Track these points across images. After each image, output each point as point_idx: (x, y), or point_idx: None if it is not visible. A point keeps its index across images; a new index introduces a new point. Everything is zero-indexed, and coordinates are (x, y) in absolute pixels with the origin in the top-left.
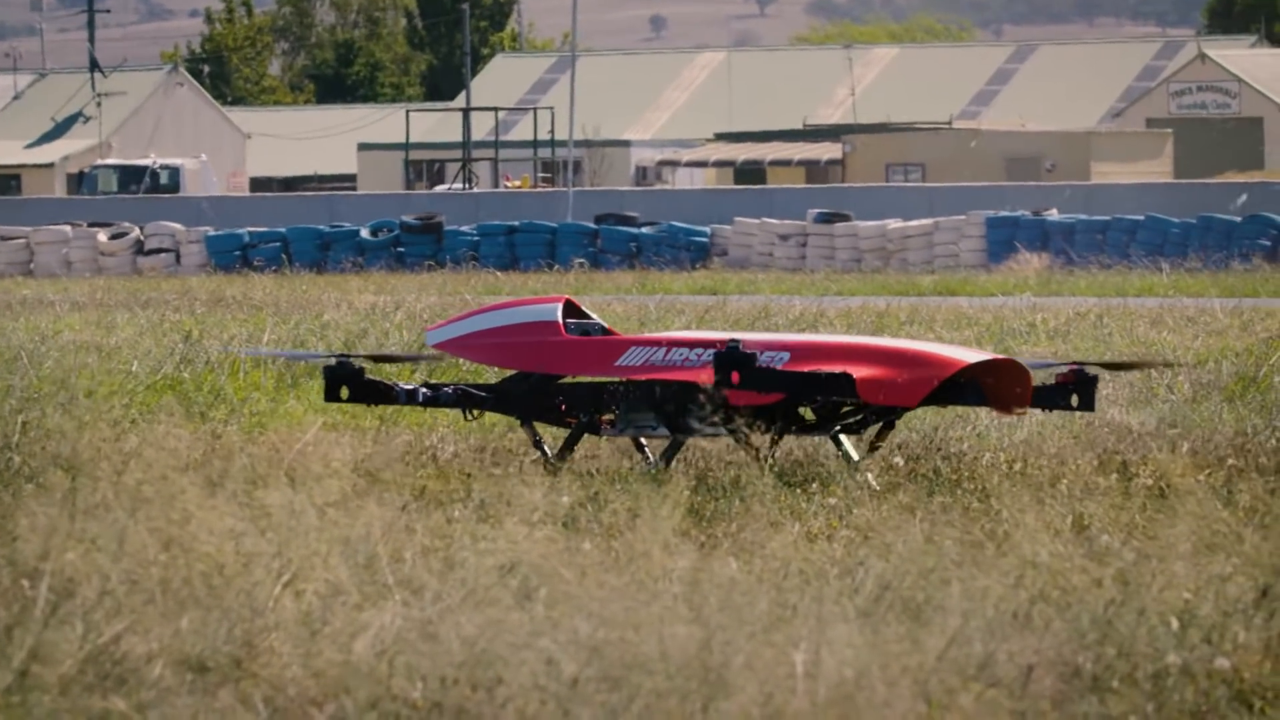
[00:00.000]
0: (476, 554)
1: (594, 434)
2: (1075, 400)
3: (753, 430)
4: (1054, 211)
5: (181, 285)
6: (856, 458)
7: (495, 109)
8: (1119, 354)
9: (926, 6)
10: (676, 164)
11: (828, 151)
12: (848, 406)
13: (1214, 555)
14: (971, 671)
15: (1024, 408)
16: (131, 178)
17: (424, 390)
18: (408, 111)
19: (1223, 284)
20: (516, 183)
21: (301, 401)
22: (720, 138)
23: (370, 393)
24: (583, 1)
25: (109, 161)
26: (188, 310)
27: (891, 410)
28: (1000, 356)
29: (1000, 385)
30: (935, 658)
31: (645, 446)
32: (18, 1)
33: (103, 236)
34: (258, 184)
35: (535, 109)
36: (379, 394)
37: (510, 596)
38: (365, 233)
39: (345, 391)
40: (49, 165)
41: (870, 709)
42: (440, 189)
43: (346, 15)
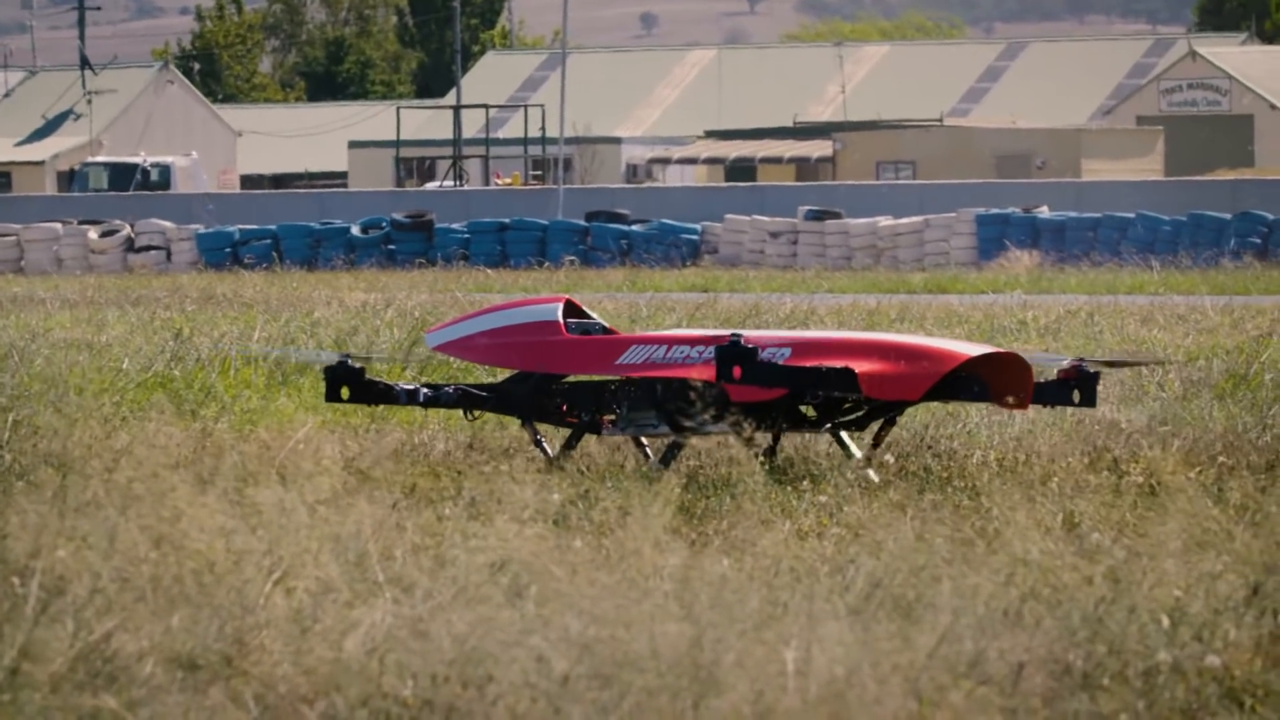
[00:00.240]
0: (467, 551)
1: (595, 433)
2: (1076, 396)
3: (754, 428)
4: (1044, 209)
5: (172, 283)
6: (858, 455)
7: (486, 106)
8: (1110, 351)
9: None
10: (667, 161)
11: (818, 149)
12: (849, 403)
13: (1205, 553)
14: (962, 669)
15: (1025, 403)
16: (122, 175)
17: (424, 390)
18: (398, 109)
19: (1213, 282)
20: (507, 180)
21: (292, 399)
22: (711, 135)
23: (371, 393)
24: None
25: (99, 159)
26: (178, 308)
27: (893, 406)
28: (1002, 350)
29: (1002, 380)
30: (926, 655)
31: (646, 446)
32: None
33: (93, 234)
34: (248, 181)
35: (526, 106)
36: (380, 394)
37: (501, 594)
38: (356, 230)
39: (346, 392)
40: (39, 163)
41: (861, 706)
42: (431, 186)
43: (337, 12)
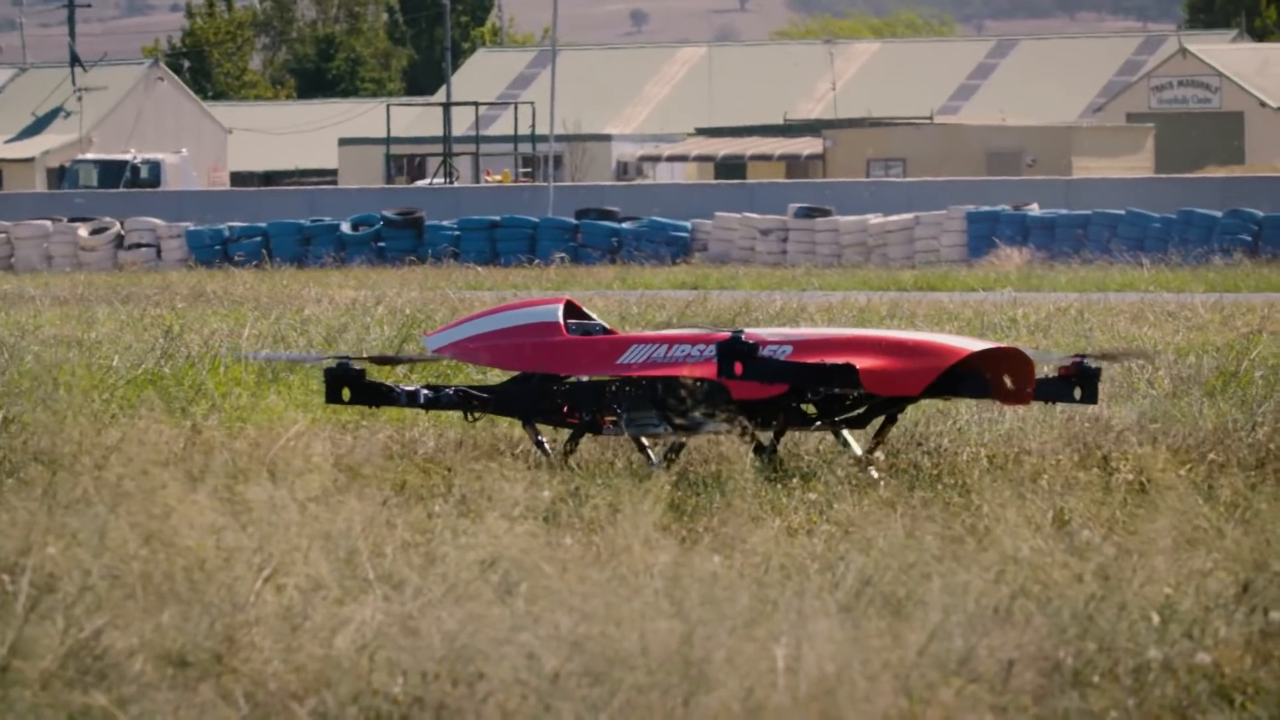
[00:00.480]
0: (457, 549)
1: (596, 434)
2: (1078, 392)
3: (756, 426)
4: (1035, 206)
5: (162, 280)
6: (860, 452)
7: (476, 104)
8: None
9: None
10: (657, 159)
11: (808, 146)
12: (850, 400)
13: (1195, 550)
14: (952, 666)
15: (1027, 399)
16: (112, 172)
17: (425, 392)
18: (388, 106)
19: (1203, 279)
20: (497, 177)
21: (282, 397)
22: (701, 133)
23: (372, 395)
24: None
25: (89, 156)
26: (168, 305)
27: (894, 402)
28: (1003, 345)
29: (1004, 376)
30: (916, 653)
31: (647, 447)
32: None
33: (83, 231)
34: (238, 179)
35: (516, 104)
36: (380, 396)
37: (491, 591)
38: (346, 227)
39: (347, 393)
40: (29, 160)
41: (851, 704)
42: (421, 184)
43: (327, 10)
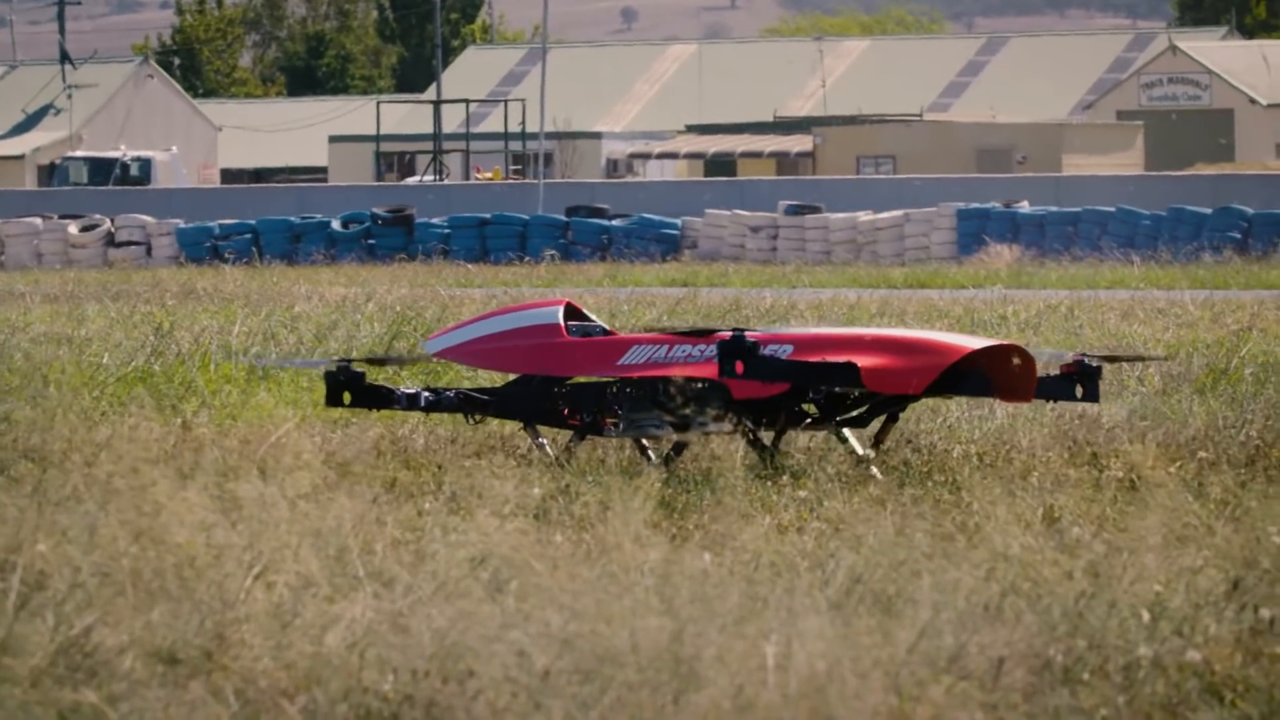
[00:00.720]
0: (447, 546)
1: (598, 435)
2: (1079, 391)
3: (757, 426)
4: (1025, 204)
5: (152, 277)
6: (861, 451)
7: (466, 101)
8: (1090, 347)
9: None
10: (647, 156)
11: (798, 144)
12: (851, 399)
13: (1185, 548)
14: (942, 664)
15: (1029, 396)
16: (102, 170)
17: (426, 395)
18: (379, 103)
19: (1193, 276)
20: (488, 175)
21: (272, 394)
22: (691, 130)
23: (372, 398)
24: None
25: (79, 153)
26: (159, 302)
27: (895, 401)
28: (1006, 342)
29: (1005, 374)
30: (906, 650)
31: (649, 448)
32: None
33: (73, 229)
34: (229, 176)
35: (506, 101)
36: (381, 399)
37: (481, 589)
38: (336, 225)
39: (348, 397)
40: (19, 157)
41: (841, 701)
42: (411, 181)
43: (317, 7)
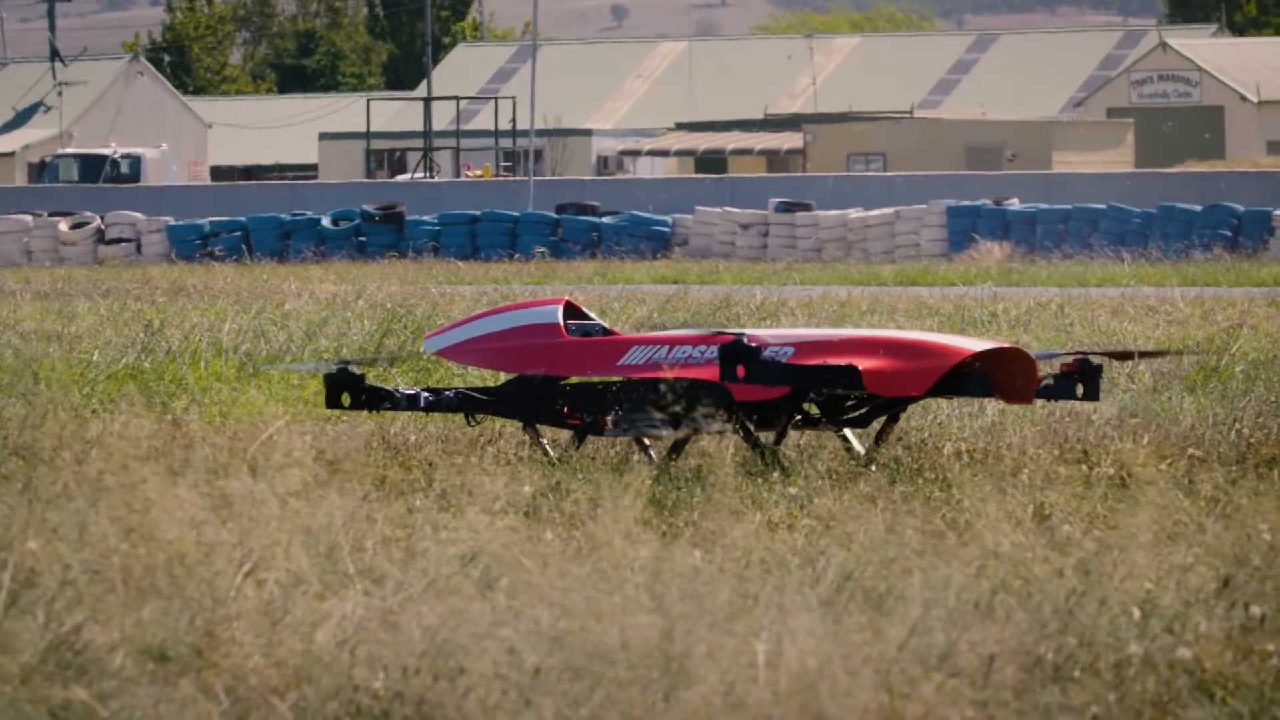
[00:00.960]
0: (438, 543)
1: (598, 435)
2: (1080, 390)
3: (758, 426)
4: (1015, 201)
5: (142, 274)
6: (862, 451)
7: (456, 98)
8: (1081, 344)
9: None
10: (638, 154)
11: (789, 141)
12: (852, 400)
13: (1175, 545)
14: (933, 661)
15: (1030, 398)
16: (92, 167)
17: (425, 395)
18: (369, 101)
19: (1184, 273)
20: (478, 172)
21: (263, 392)
22: (681, 127)
23: (372, 399)
24: None
25: (70, 151)
26: (149, 299)
27: (897, 402)
28: (1006, 345)
29: (1006, 374)
30: (897, 647)
31: (649, 447)
32: None
33: (64, 226)
34: (219, 173)
35: (496, 98)
36: (381, 400)
37: (472, 586)
38: (326, 222)
39: (347, 398)
40: (9, 154)
41: (832, 699)
42: (402, 178)
43: (308, 5)
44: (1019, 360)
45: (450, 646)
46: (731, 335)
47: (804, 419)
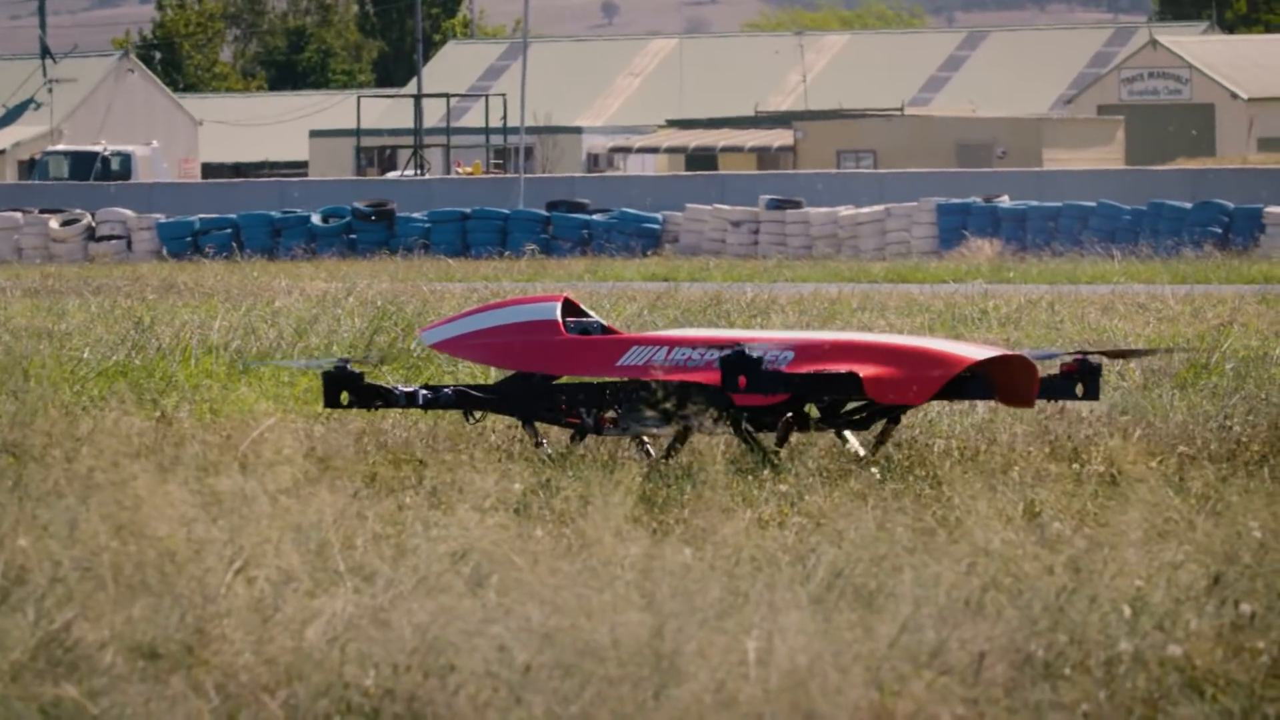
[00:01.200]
0: (428, 541)
1: (597, 434)
2: (1080, 390)
3: (758, 429)
4: (1005, 198)
5: (133, 272)
6: (862, 454)
7: (447, 95)
8: (1072, 341)
9: None
10: (628, 151)
11: (779, 138)
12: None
13: (1166, 543)
14: (923, 659)
15: (1031, 402)
16: (83, 164)
17: (424, 392)
18: (359, 98)
19: (1174, 270)
20: (468, 169)
21: (253, 389)
22: (672, 124)
23: (371, 397)
24: None
25: (60, 148)
26: (139, 297)
27: (897, 406)
28: (1008, 352)
29: (1006, 378)
30: (887, 645)
31: (648, 445)
32: None
33: (54, 223)
34: (209, 170)
35: (487, 96)
36: (379, 397)
37: (462, 583)
38: (317, 219)
39: (346, 397)
40: (0, 152)
41: (822, 696)
42: (392, 175)
43: (298, 2)
44: (1020, 365)
45: (441, 644)
46: (743, 339)
47: (805, 421)
